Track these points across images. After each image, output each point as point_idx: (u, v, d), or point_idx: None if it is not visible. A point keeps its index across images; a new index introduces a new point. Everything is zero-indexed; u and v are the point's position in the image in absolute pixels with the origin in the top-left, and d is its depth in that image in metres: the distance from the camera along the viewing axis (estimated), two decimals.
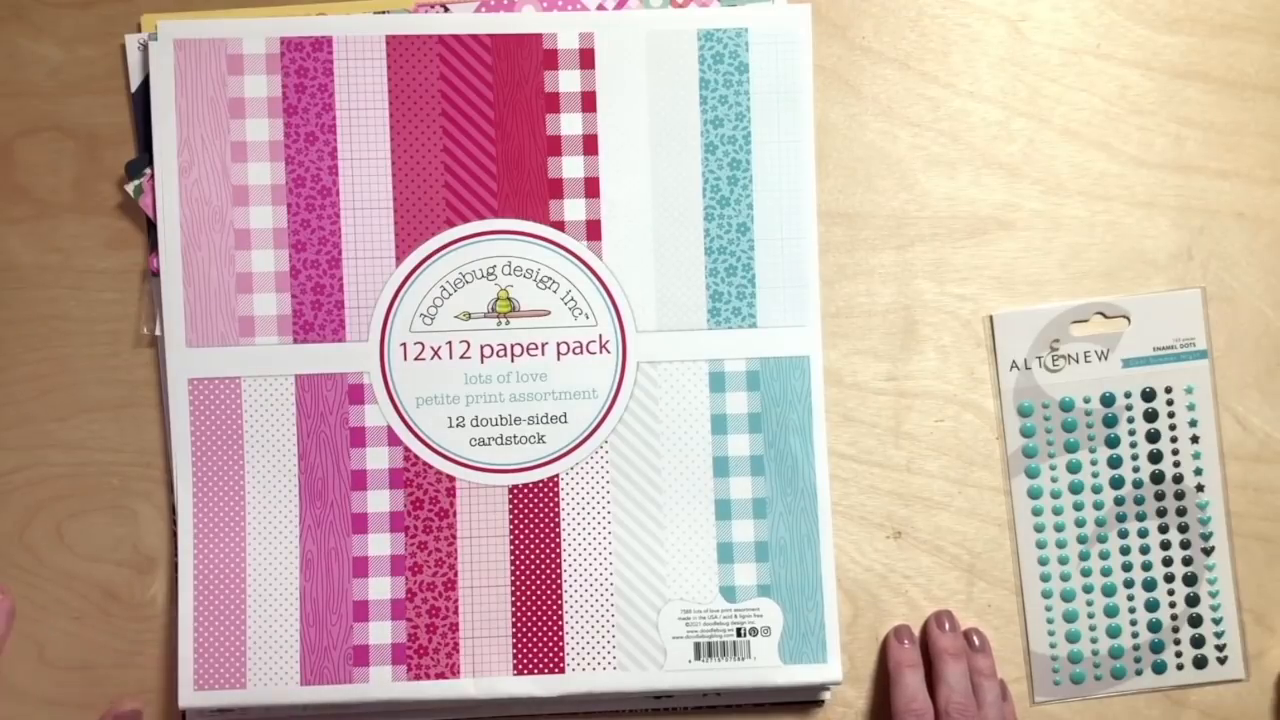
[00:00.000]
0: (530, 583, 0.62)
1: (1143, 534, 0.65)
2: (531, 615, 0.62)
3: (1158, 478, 0.65)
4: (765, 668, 0.62)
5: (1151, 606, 0.65)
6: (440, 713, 0.63)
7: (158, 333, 0.62)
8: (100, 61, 0.63)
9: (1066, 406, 0.65)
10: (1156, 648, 0.65)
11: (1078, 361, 0.65)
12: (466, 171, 0.62)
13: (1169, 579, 0.65)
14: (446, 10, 0.63)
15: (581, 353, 0.63)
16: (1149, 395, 0.65)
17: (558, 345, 0.62)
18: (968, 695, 0.61)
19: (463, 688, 0.62)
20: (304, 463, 0.62)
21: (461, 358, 0.62)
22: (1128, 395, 0.65)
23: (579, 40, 0.63)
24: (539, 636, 0.62)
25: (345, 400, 0.62)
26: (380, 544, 0.62)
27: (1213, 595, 0.65)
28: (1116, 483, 0.65)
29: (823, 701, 0.64)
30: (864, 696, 0.65)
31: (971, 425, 0.65)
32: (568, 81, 0.63)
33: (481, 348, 0.62)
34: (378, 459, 0.62)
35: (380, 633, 0.62)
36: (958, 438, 0.65)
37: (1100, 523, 0.65)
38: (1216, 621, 0.65)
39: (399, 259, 0.62)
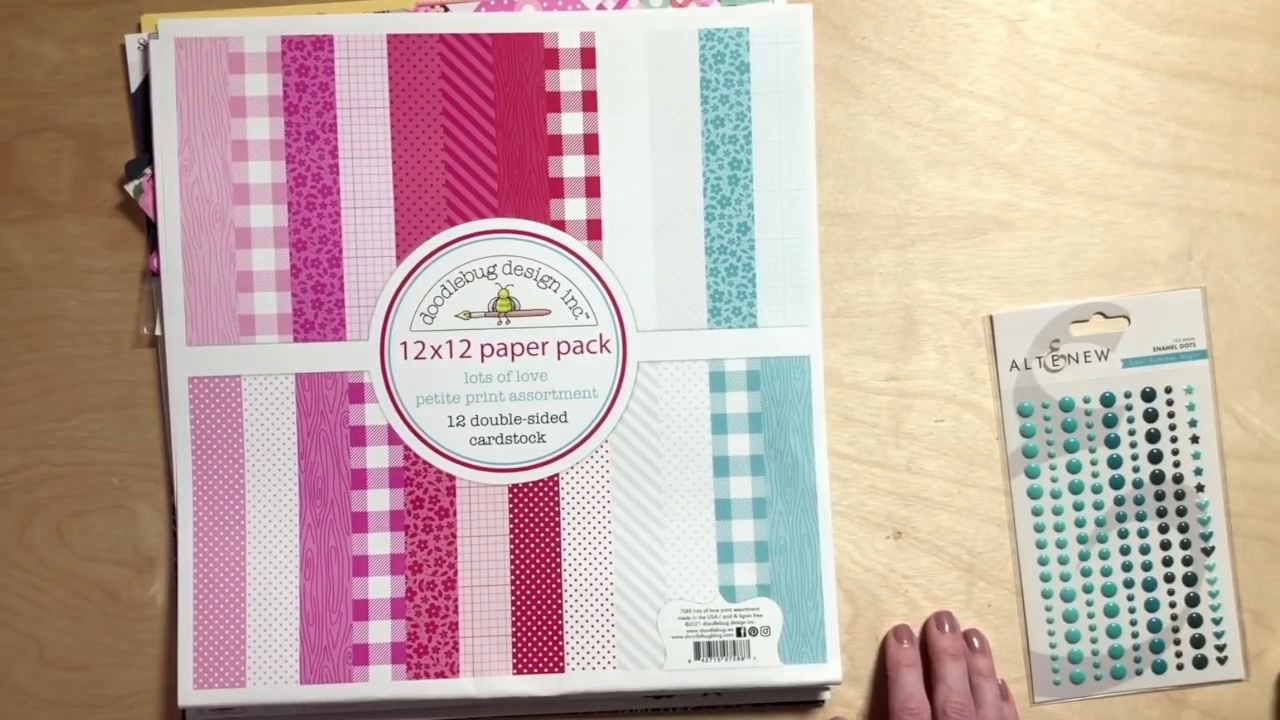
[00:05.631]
0: (530, 582, 0.62)
1: (1143, 534, 0.65)
2: (531, 615, 0.62)
3: (1158, 478, 0.65)
4: (765, 667, 0.62)
5: (1151, 606, 0.65)
6: (440, 712, 0.63)
7: (158, 332, 0.62)
8: (100, 61, 0.63)
9: (1066, 406, 0.65)
10: (1156, 648, 0.65)
11: (1078, 361, 0.65)
12: (467, 170, 0.62)
13: (1169, 579, 0.65)
14: (447, 9, 0.63)
15: (582, 352, 0.63)
16: (1149, 395, 0.65)
17: (558, 344, 0.62)
18: (966, 696, 0.61)
19: (462, 687, 0.62)
20: (304, 461, 0.62)
21: (462, 357, 0.62)
22: (1128, 395, 0.65)
23: (580, 39, 0.63)
24: (539, 636, 0.62)
25: (345, 399, 0.62)
26: (380, 543, 0.62)
27: (1213, 595, 0.65)
28: (1116, 483, 0.65)
29: (823, 701, 0.64)
30: (863, 696, 0.65)
31: (971, 425, 0.65)
32: (568, 81, 0.63)
33: (482, 347, 0.62)
34: (378, 458, 0.62)
35: (380, 632, 0.62)
36: (958, 438, 0.65)
37: (1100, 523, 0.65)
38: (1216, 621, 0.65)
39: (399, 258, 0.62)
